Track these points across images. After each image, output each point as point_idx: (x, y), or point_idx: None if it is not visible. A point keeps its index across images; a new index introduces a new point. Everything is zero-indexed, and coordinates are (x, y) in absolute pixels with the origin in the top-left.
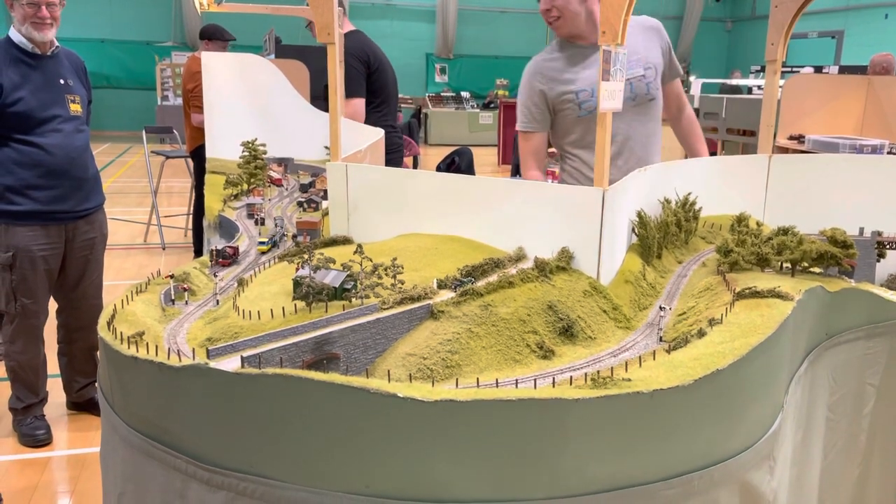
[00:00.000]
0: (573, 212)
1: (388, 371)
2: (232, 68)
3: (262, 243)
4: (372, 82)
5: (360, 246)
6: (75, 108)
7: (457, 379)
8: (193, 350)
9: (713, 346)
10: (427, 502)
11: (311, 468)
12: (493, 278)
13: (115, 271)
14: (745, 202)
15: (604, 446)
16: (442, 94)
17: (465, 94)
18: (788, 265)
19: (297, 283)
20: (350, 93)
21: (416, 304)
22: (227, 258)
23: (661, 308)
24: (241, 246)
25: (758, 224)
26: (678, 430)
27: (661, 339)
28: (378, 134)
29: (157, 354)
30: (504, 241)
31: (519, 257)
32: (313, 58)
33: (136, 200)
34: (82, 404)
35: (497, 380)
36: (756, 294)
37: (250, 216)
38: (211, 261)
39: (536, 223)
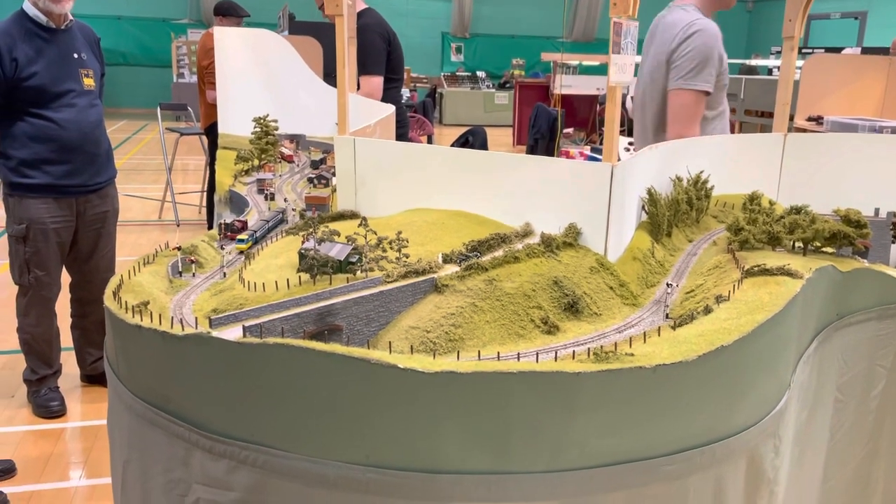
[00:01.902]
0: (581, 187)
1: (390, 343)
2: (245, 43)
3: (241, 241)
4: (391, 60)
5: (364, 219)
6: (89, 82)
7: (458, 352)
8: (196, 319)
9: (719, 322)
10: (427, 473)
11: (311, 438)
12: (499, 253)
13: (130, 247)
14: (759, 181)
15: (605, 421)
16: (457, 73)
17: (480, 73)
18: (800, 244)
19: (302, 256)
20: (370, 70)
21: (420, 278)
22: (235, 231)
23: (668, 285)
24: (250, 221)
25: (770, 203)
26: (681, 405)
27: (667, 317)
28: (388, 109)
29: (160, 323)
30: (511, 217)
31: (526, 233)
32: (326, 34)
33: (152, 177)
34: (95, 377)
35: (498, 353)
36: (765, 271)
37: (260, 191)
38: (219, 234)
39: (544, 199)
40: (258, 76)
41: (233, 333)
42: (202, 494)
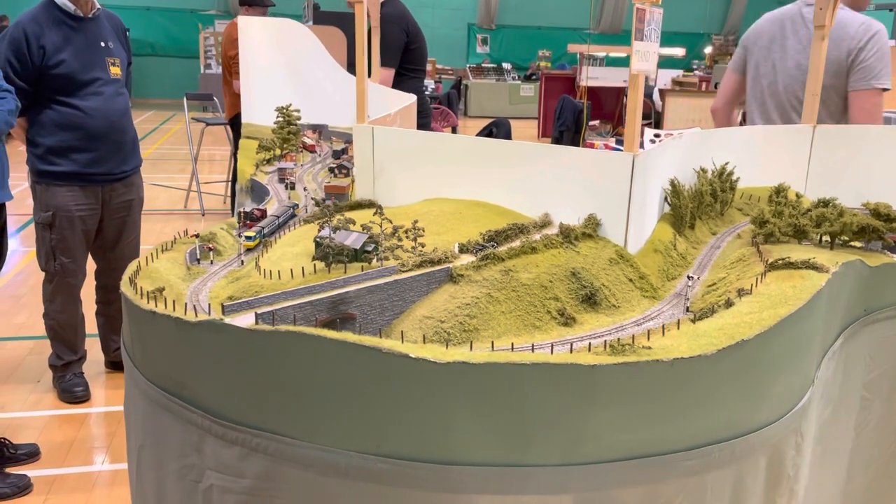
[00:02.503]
0: (602, 178)
1: (402, 333)
2: (268, 33)
3: (249, 238)
4: (412, 51)
5: (379, 207)
6: (115, 70)
7: (471, 343)
8: (210, 306)
9: (740, 316)
10: (438, 464)
11: (322, 426)
12: (516, 244)
13: (156, 236)
14: (786, 173)
15: (621, 415)
16: (483, 65)
17: (506, 65)
18: (827, 238)
19: (317, 244)
20: (383, 62)
21: (436, 268)
22: (254, 220)
23: (688, 278)
24: (270, 209)
25: (797, 196)
26: (700, 400)
27: (687, 310)
28: (409, 99)
29: (174, 310)
30: (531, 208)
31: (544, 223)
32: (351, 24)
33: (178, 167)
34: (119, 363)
35: (512, 344)
36: (790, 265)
37: (281, 180)
38: (239, 222)
39: (564, 189)
40: (282, 66)
41: (245, 321)
42: (215, 481)
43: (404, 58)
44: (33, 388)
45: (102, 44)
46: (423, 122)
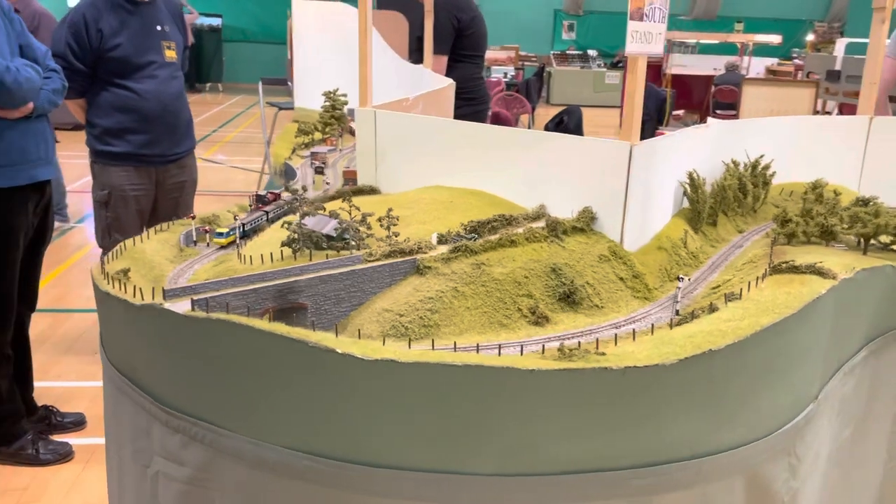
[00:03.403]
0: (598, 168)
1: (359, 331)
2: (321, 17)
3: (219, 235)
4: (467, 37)
5: (349, 194)
6: (171, 54)
7: (433, 340)
8: (153, 290)
9: (719, 323)
10: (365, 466)
11: (253, 419)
12: (495, 236)
13: None
14: (838, 169)
15: (565, 425)
16: (567, 52)
17: (592, 52)
18: (861, 240)
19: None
20: (435, 49)
21: (400, 259)
22: (265, 203)
23: (679, 279)
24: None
25: (835, 193)
26: (655, 413)
27: (677, 313)
28: (443, 83)
29: (126, 292)
30: (529, 198)
31: (538, 215)
32: (413, 10)
33: (257, 150)
34: None
35: (478, 344)
36: (793, 269)
37: (313, 164)
38: (250, 205)
39: (561, 180)
40: (334, 50)
41: (182, 306)
42: (161, 467)
43: (459, 43)
44: (90, 360)
45: (158, 28)
46: (480, 109)
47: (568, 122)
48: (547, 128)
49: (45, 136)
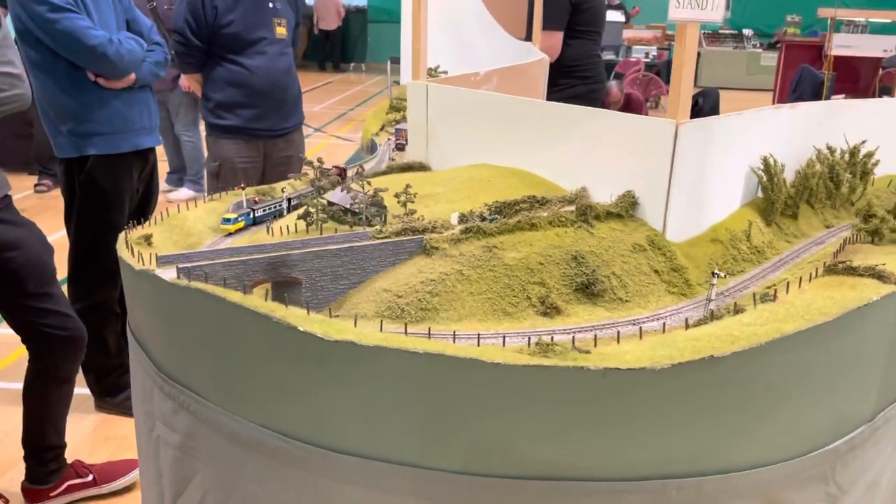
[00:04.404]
0: (642, 150)
1: (357, 307)
2: None
3: (226, 221)
4: (584, 12)
5: (361, 167)
6: (281, 31)
7: (430, 326)
8: (151, 255)
9: (736, 326)
10: (331, 451)
11: (230, 393)
12: (514, 220)
13: None
14: None
15: (538, 426)
16: (720, 31)
17: (747, 31)
18: None
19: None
20: (546, 25)
21: (406, 237)
22: (327, 177)
23: (713, 275)
24: (370, 166)
25: None
26: (644, 422)
27: (711, 313)
28: (534, 56)
29: (133, 256)
30: (572, 180)
31: (576, 198)
32: None
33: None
34: None
35: (479, 333)
36: (849, 270)
37: (396, 141)
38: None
39: (605, 161)
40: (443, 27)
41: (170, 274)
42: (160, 432)
43: (575, 19)
44: None
45: (270, 5)
46: (595, 89)
47: (703, 105)
48: None
49: (148, 106)
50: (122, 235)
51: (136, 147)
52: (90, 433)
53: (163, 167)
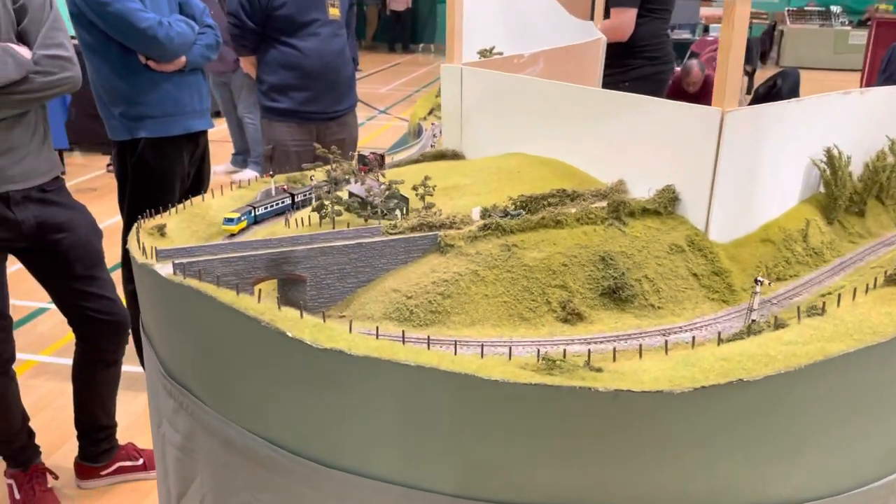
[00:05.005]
0: (685, 140)
1: (364, 307)
2: None
3: (228, 221)
4: None
5: (381, 156)
6: (334, 12)
7: (429, 334)
8: (152, 249)
9: (775, 345)
10: (322, 466)
11: (223, 396)
12: (538, 216)
13: None
14: None
15: (540, 451)
16: (806, 8)
17: (835, 8)
18: None
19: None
20: (618, 1)
21: (419, 234)
22: (366, 165)
23: (757, 282)
24: (412, 152)
25: None
26: (662, 450)
27: (749, 326)
28: (590, 35)
29: (140, 248)
30: (609, 172)
31: (612, 192)
32: None
33: None
34: None
35: (483, 342)
36: None
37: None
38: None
39: (645, 152)
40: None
41: (167, 269)
42: (165, 430)
43: None
44: None
45: None
46: (663, 70)
47: (781, 86)
48: (758, 92)
49: (199, 89)
50: (134, 228)
51: (187, 130)
52: (142, 411)
53: (229, 148)
